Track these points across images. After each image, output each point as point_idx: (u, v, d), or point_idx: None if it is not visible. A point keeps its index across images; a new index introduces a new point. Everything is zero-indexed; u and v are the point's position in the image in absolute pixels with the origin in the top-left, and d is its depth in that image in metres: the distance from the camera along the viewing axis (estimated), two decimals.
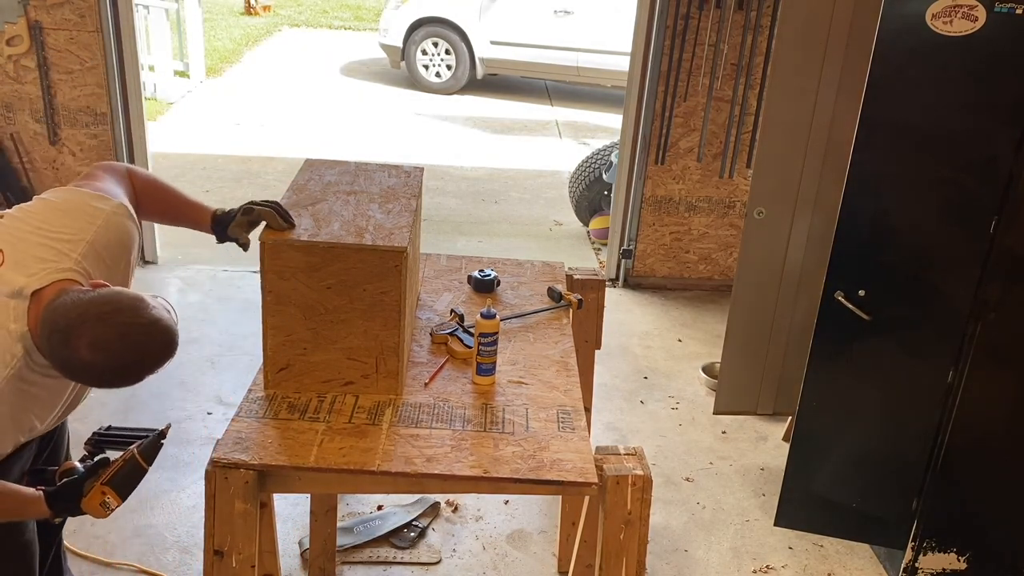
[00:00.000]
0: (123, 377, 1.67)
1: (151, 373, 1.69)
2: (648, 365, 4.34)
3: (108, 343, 1.60)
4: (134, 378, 1.68)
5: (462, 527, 3.13)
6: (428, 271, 2.78)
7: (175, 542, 2.96)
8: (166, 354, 1.69)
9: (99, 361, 1.60)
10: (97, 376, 1.65)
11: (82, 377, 1.68)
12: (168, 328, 1.69)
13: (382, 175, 2.46)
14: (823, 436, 2.88)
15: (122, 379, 1.68)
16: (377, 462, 1.84)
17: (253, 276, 2.17)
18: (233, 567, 1.85)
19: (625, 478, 1.86)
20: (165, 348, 1.69)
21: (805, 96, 3.05)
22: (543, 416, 2.03)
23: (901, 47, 2.42)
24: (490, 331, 2.11)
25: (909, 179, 2.55)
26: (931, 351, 2.68)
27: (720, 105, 4.77)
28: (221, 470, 1.80)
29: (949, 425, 2.68)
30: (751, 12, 4.56)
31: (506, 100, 9.69)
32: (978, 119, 2.45)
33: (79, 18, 4.42)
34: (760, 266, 3.28)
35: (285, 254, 1.96)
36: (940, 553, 2.84)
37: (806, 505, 2.99)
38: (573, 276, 2.81)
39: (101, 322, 1.60)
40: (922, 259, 2.62)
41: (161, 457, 3.11)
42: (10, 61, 4.47)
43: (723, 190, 4.99)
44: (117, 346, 1.61)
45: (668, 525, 3.21)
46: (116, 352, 1.61)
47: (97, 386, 1.77)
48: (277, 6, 13.98)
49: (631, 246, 5.09)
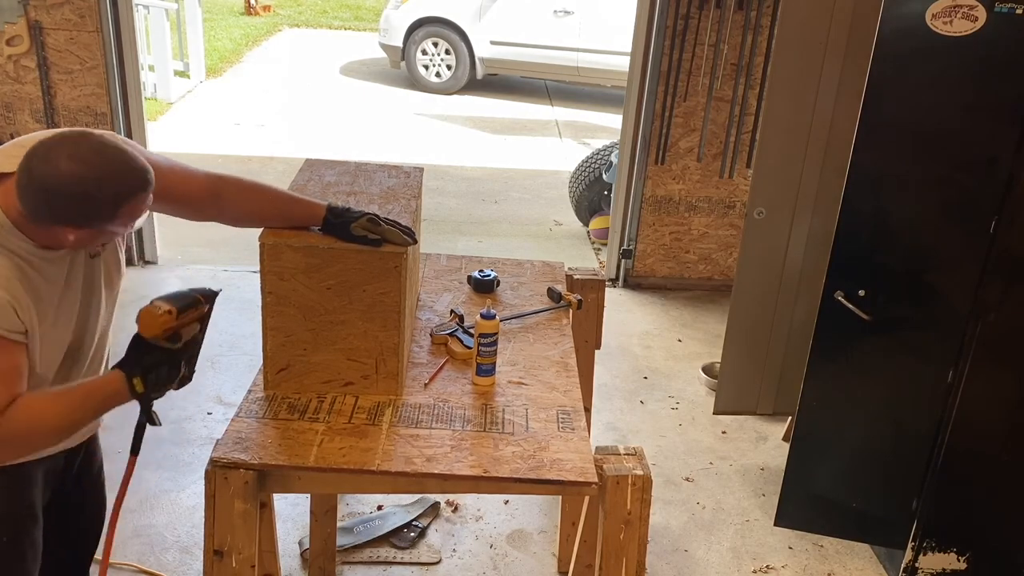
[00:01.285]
0: (104, 194, 1.62)
1: (131, 201, 1.66)
2: (648, 365, 4.34)
3: (86, 156, 1.61)
4: (114, 197, 1.63)
5: (462, 527, 3.13)
6: (428, 271, 2.77)
7: (175, 542, 2.96)
8: (144, 177, 1.68)
9: (78, 171, 1.59)
10: (79, 196, 1.60)
11: (63, 203, 1.61)
12: (142, 160, 1.70)
13: (382, 175, 2.46)
14: (823, 436, 2.88)
15: (103, 198, 1.63)
16: (377, 462, 1.84)
17: (253, 276, 2.17)
18: (233, 567, 1.85)
19: (625, 478, 1.86)
20: (143, 171, 1.68)
21: (805, 96, 3.05)
22: (543, 416, 2.03)
23: (901, 47, 2.42)
24: (490, 332, 2.11)
25: (909, 179, 2.55)
26: (931, 351, 2.68)
27: (720, 105, 4.77)
28: (221, 470, 1.80)
29: (949, 425, 2.68)
30: (751, 12, 4.56)
31: (506, 100, 9.69)
32: (978, 119, 2.45)
33: (79, 18, 4.42)
34: (760, 266, 3.28)
35: (285, 255, 1.96)
36: (940, 553, 2.84)
37: (806, 505, 2.99)
38: (573, 276, 2.81)
39: (78, 142, 1.63)
40: (922, 259, 2.62)
41: (161, 457, 3.13)
42: (10, 61, 4.47)
43: (723, 190, 5.00)
44: (96, 159, 1.62)
45: (668, 525, 3.21)
46: (95, 164, 1.61)
47: (79, 217, 1.64)
48: (277, 6, 13.98)
49: (631, 246, 5.09)
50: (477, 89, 9.86)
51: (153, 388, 1.77)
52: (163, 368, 1.77)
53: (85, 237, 1.70)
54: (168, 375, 1.78)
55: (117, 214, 1.66)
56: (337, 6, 14.63)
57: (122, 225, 1.71)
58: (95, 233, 1.70)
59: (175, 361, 1.79)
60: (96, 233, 1.70)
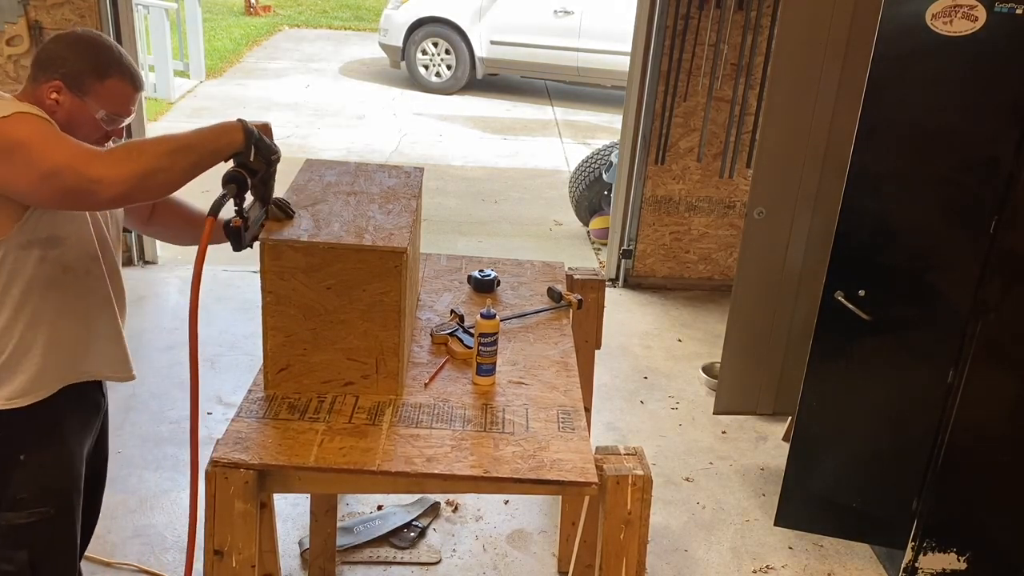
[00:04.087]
0: (98, 53, 1.90)
1: (118, 76, 1.90)
2: (648, 365, 4.34)
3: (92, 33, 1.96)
4: (106, 61, 1.89)
5: (462, 527, 3.13)
6: (428, 271, 2.78)
7: (175, 542, 2.96)
8: (136, 72, 1.96)
9: (83, 33, 1.94)
10: (77, 44, 1.89)
11: (62, 51, 1.89)
12: None
13: (382, 175, 2.46)
14: (823, 436, 2.88)
15: (97, 54, 1.89)
16: (377, 462, 1.84)
17: (253, 276, 2.17)
18: (233, 567, 1.85)
19: (625, 478, 1.86)
20: (136, 68, 1.98)
21: (805, 96, 3.05)
22: (543, 416, 2.03)
23: (901, 47, 2.42)
24: (490, 331, 2.11)
25: (909, 179, 2.55)
26: (931, 351, 2.68)
27: (720, 105, 4.77)
28: (221, 470, 1.80)
29: (949, 425, 2.68)
30: (751, 12, 4.56)
31: (506, 100, 9.70)
32: (978, 119, 2.45)
33: (79, 18, 4.42)
34: (760, 266, 3.28)
35: (285, 255, 1.96)
36: (940, 553, 2.84)
37: (806, 505, 2.99)
38: (573, 276, 2.81)
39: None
40: (922, 259, 2.62)
41: (161, 457, 3.12)
42: (10, 61, 4.47)
43: (723, 190, 5.00)
44: (100, 37, 1.95)
45: (668, 525, 3.21)
46: (99, 36, 1.95)
47: (72, 70, 1.87)
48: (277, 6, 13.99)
49: (631, 246, 5.09)
50: (477, 89, 9.86)
51: (260, 141, 1.88)
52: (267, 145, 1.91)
53: (72, 107, 1.87)
54: (269, 149, 1.91)
55: (104, 83, 1.87)
56: (337, 6, 14.64)
57: (104, 105, 1.89)
58: (80, 105, 1.87)
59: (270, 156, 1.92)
60: (81, 106, 1.87)
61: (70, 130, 1.82)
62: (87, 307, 1.99)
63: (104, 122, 1.92)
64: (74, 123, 1.87)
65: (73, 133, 1.82)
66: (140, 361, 3.95)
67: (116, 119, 1.94)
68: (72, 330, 1.97)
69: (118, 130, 2.00)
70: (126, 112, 1.95)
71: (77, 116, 1.88)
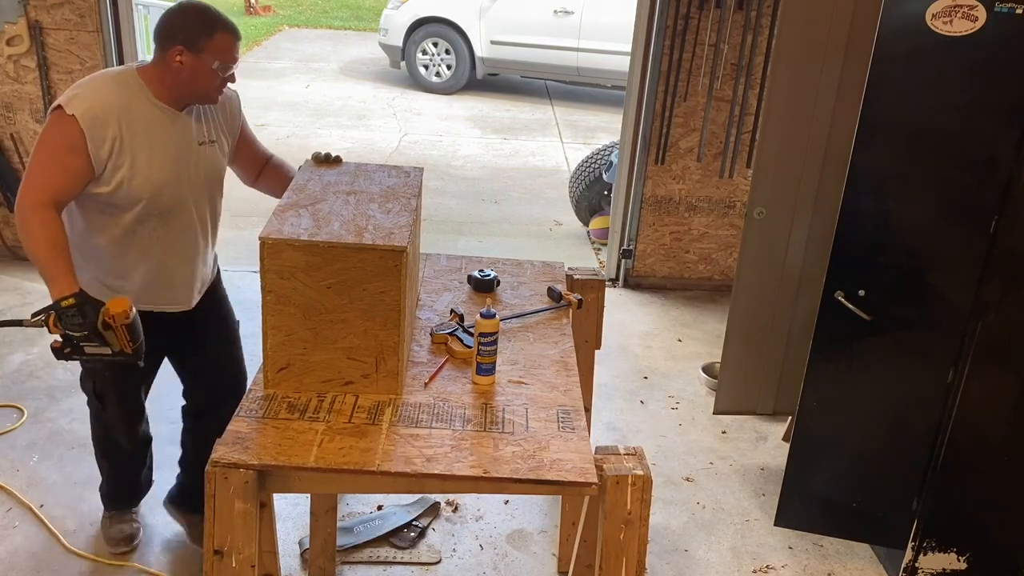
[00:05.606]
0: (206, 15, 2.33)
1: (224, 31, 2.34)
2: (648, 365, 4.34)
3: None
4: (213, 20, 2.33)
5: (462, 527, 3.13)
6: (428, 271, 2.78)
7: (175, 542, 2.96)
8: (236, 27, 2.40)
9: (191, 3, 2.36)
10: (189, 12, 2.33)
11: (178, 20, 2.32)
12: None
13: (382, 175, 2.46)
14: (823, 436, 2.88)
15: (206, 17, 2.33)
16: (377, 462, 1.84)
17: (253, 276, 2.17)
18: (233, 567, 1.85)
19: (625, 478, 1.86)
20: (235, 25, 2.42)
21: (805, 96, 3.05)
22: (543, 416, 2.03)
23: (901, 47, 2.42)
24: (490, 331, 2.11)
25: (909, 179, 2.55)
26: (931, 351, 2.68)
27: (720, 105, 4.77)
28: (221, 470, 1.80)
29: (949, 425, 2.68)
30: (751, 12, 4.56)
31: (506, 100, 9.70)
32: (978, 119, 2.45)
33: (79, 18, 4.42)
34: (760, 266, 3.28)
35: (285, 254, 1.96)
36: (940, 553, 2.84)
37: (806, 505, 2.99)
38: (573, 276, 2.81)
39: None
40: (922, 259, 2.62)
41: (161, 457, 3.12)
42: (10, 61, 4.47)
43: (723, 190, 5.00)
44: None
45: (668, 525, 3.21)
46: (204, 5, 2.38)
47: (188, 33, 2.30)
48: (277, 6, 13.99)
49: (631, 246, 5.09)
50: (477, 89, 9.86)
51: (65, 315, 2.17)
52: (78, 323, 2.16)
53: (193, 64, 2.30)
54: (78, 326, 2.16)
55: (213, 38, 2.30)
56: (337, 6, 14.64)
57: (217, 56, 2.31)
58: (199, 61, 2.30)
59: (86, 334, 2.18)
60: (199, 61, 2.30)
61: (194, 83, 2.34)
62: (164, 249, 2.47)
63: (219, 70, 2.34)
64: (197, 77, 2.33)
65: (196, 86, 2.34)
66: None
67: (227, 67, 2.36)
68: (152, 263, 2.48)
69: (230, 75, 2.41)
70: (232, 59, 2.37)
71: (198, 71, 2.32)
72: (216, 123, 2.52)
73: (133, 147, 2.30)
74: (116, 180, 2.30)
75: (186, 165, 2.42)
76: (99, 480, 3.18)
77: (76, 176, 2.25)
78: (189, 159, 2.43)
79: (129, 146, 2.29)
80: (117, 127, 2.27)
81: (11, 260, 4.81)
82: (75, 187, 2.27)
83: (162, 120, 2.36)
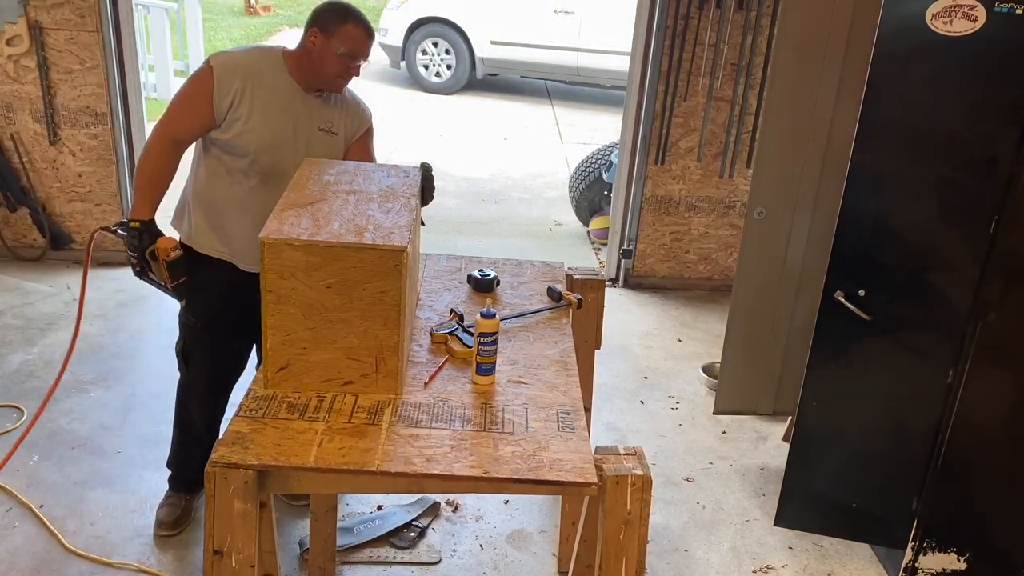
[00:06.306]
0: (342, 8, 2.64)
1: (356, 23, 2.61)
2: (648, 365, 4.34)
3: None
4: (346, 12, 2.63)
5: (462, 527, 3.13)
6: (428, 271, 2.78)
7: (175, 542, 2.96)
8: (370, 25, 2.70)
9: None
10: (329, 5, 2.64)
11: (320, 10, 2.64)
12: None
13: (381, 174, 2.46)
14: (823, 436, 2.88)
15: (341, 9, 2.63)
16: (377, 462, 1.84)
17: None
18: (233, 567, 1.85)
19: (625, 478, 1.86)
20: (370, 24, 2.71)
21: (805, 96, 3.05)
22: (543, 416, 2.03)
23: (901, 47, 2.42)
24: (490, 331, 2.11)
25: (909, 179, 2.55)
26: (931, 351, 2.68)
27: (720, 105, 4.77)
28: (221, 470, 1.80)
29: (949, 425, 2.68)
30: (751, 12, 4.56)
31: (506, 100, 9.70)
32: (978, 119, 2.45)
33: (79, 18, 4.42)
34: (760, 266, 3.28)
35: (285, 253, 1.96)
36: (940, 553, 2.84)
37: (806, 505, 2.99)
38: (573, 276, 2.81)
39: None
40: (922, 259, 2.62)
41: (161, 457, 3.13)
42: (10, 61, 4.47)
43: (723, 190, 5.00)
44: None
45: (668, 525, 3.21)
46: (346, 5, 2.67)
47: (323, 20, 2.61)
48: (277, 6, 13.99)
49: (631, 246, 5.09)
50: (477, 89, 9.86)
51: (128, 233, 2.58)
52: (134, 244, 2.56)
53: (322, 45, 2.59)
54: (134, 247, 2.57)
55: (343, 26, 2.58)
56: None
57: (344, 43, 2.58)
58: (327, 44, 2.58)
59: (136, 256, 2.59)
60: (328, 44, 2.58)
61: (321, 64, 2.62)
62: (258, 207, 2.59)
63: (344, 57, 2.60)
64: (323, 59, 2.61)
65: (322, 67, 2.62)
66: (140, 361, 3.96)
67: (353, 55, 2.62)
68: (224, 216, 2.71)
69: (356, 67, 2.67)
70: (358, 50, 2.63)
71: (325, 52, 2.59)
72: (344, 120, 2.78)
73: (252, 103, 2.57)
74: (234, 130, 2.58)
75: (296, 139, 2.65)
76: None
77: (199, 121, 2.58)
78: (301, 135, 2.66)
79: (249, 100, 2.57)
80: (243, 82, 2.56)
81: (11, 260, 4.81)
82: (196, 130, 2.60)
83: (288, 92, 2.63)
